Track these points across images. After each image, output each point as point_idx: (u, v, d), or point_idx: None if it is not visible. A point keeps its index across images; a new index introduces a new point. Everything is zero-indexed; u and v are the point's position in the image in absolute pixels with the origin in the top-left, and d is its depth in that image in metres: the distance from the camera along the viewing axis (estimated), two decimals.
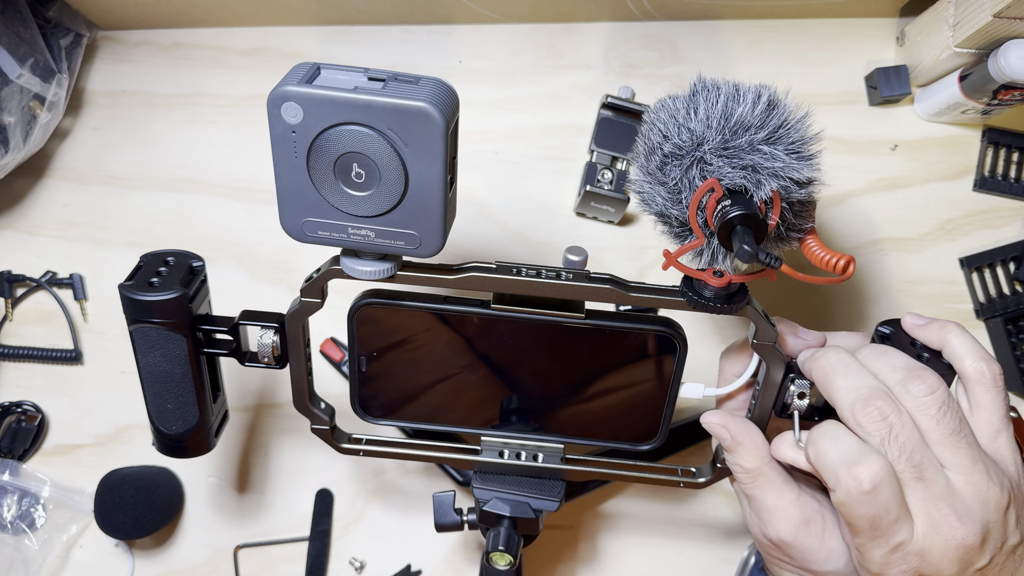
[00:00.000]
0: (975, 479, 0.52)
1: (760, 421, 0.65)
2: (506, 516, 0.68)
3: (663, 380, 0.65)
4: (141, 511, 0.83)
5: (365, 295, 0.62)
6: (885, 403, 0.54)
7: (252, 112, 0.90)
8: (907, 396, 0.54)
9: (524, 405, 0.68)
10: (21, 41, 0.80)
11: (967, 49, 0.77)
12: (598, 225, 0.87)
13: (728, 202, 0.52)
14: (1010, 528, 0.53)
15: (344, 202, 0.53)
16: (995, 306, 0.86)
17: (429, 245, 0.55)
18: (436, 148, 0.50)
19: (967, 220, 0.87)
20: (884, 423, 0.53)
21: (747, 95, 0.54)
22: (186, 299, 0.60)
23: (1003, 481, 0.53)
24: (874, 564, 0.53)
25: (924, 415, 0.54)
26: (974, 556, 0.52)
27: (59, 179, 0.90)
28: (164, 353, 0.61)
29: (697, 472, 0.70)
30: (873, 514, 0.52)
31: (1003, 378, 0.56)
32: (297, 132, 0.50)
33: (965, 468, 0.52)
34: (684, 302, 0.58)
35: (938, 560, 0.52)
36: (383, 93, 0.49)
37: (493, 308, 0.61)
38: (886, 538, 0.52)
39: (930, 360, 0.60)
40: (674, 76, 0.89)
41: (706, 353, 0.86)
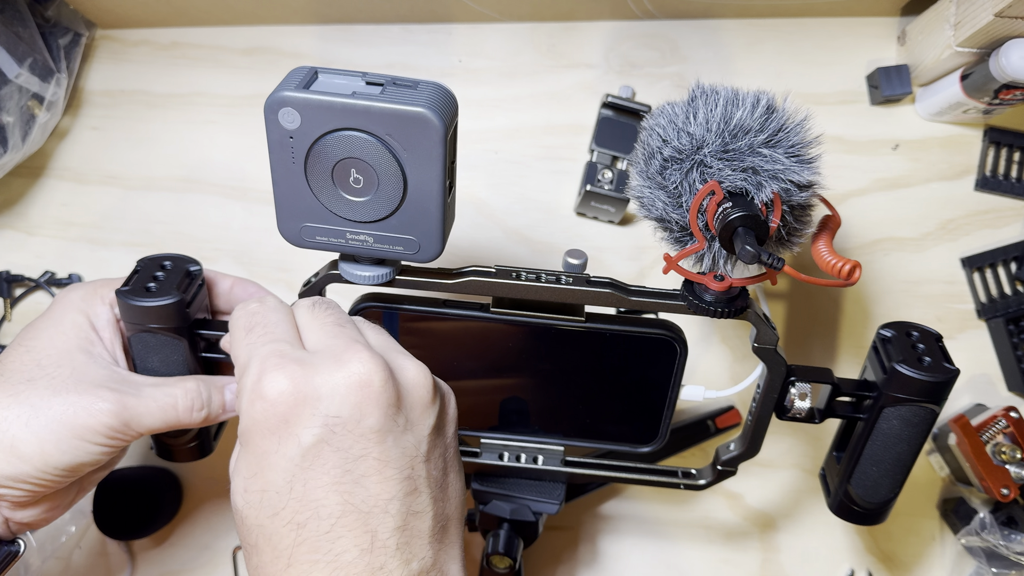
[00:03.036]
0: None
1: (760, 423, 0.65)
2: (506, 519, 0.68)
3: (663, 382, 0.64)
4: (141, 511, 0.83)
5: (364, 299, 0.62)
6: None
7: (251, 112, 0.89)
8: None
9: (524, 407, 0.68)
10: (20, 40, 0.80)
11: (968, 48, 0.77)
12: (598, 225, 0.87)
13: (729, 204, 0.52)
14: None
15: (342, 207, 0.53)
16: (996, 306, 0.85)
17: (428, 250, 0.55)
18: (435, 153, 0.50)
19: (968, 220, 0.87)
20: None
21: (746, 99, 0.54)
22: (183, 304, 0.59)
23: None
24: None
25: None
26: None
27: (58, 179, 0.89)
28: (162, 358, 0.61)
29: (698, 474, 0.70)
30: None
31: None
32: (295, 137, 0.50)
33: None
34: (685, 306, 0.58)
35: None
36: (381, 98, 0.49)
37: (492, 312, 0.61)
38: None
39: (931, 364, 0.60)
40: (675, 75, 0.88)
41: (706, 355, 0.86)
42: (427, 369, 0.51)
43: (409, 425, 0.50)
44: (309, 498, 0.47)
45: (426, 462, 0.50)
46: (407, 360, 0.51)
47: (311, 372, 0.48)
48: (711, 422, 0.84)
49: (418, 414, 0.50)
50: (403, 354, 0.52)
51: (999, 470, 0.78)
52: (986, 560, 0.81)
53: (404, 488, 0.49)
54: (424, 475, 0.50)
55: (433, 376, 0.52)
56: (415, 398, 0.50)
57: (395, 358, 0.51)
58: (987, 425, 0.79)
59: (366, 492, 0.48)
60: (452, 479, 0.53)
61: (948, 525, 0.86)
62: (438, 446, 0.52)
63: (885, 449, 0.63)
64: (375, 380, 0.48)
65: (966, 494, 0.85)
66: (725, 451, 0.68)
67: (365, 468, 0.48)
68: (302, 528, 0.47)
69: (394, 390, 0.49)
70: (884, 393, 0.60)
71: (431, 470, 0.50)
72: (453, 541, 0.52)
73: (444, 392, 0.54)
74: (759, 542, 0.87)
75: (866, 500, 0.66)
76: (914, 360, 0.60)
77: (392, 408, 0.48)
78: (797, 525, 0.87)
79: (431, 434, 0.51)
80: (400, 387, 0.49)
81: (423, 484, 0.50)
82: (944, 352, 0.62)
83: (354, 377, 0.48)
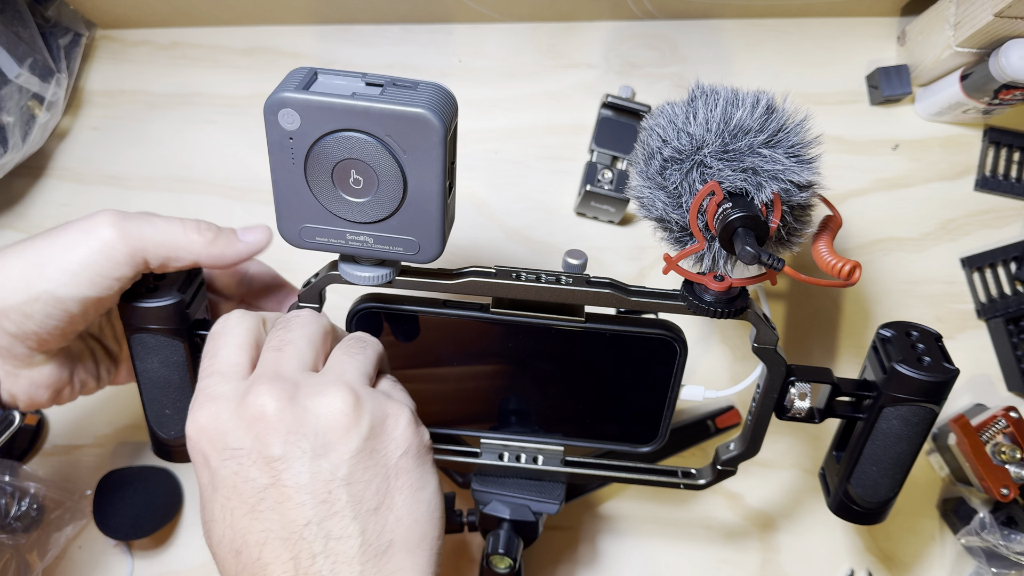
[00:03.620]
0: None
1: (760, 423, 0.65)
2: (506, 519, 0.68)
3: (663, 382, 0.65)
4: (140, 511, 0.83)
5: (364, 299, 0.62)
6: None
7: (251, 111, 0.89)
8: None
9: (524, 407, 0.68)
10: (20, 40, 0.80)
11: (968, 48, 0.77)
12: (598, 225, 0.87)
13: (729, 205, 0.52)
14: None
15: (342, 208, 0.53)
16: (996, 306, 0.85)
17: (428, 251, 0.55)
18: (435, 154, 0.50)
19: (968, 220, 0.87)
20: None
21: (746, 99, 0.54)
22: (183, 305, 0.59)
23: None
24: None
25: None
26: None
27: (58, 179, 0.90)
28: (162, 359, 0.61)
29: (697, 474, 0.70)
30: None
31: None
32: (294, 139, 0.50)
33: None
34: (685, 307, 0.58)
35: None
36: (381, 99, 0.48)
37: (492, 312, 0.61)
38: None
39: (931, 364, 0.60)
40: (674, 75, 0.88)
41: (706, 355, 0.86)
42: (352, 396, 0.50)
43: (323, 449, 0.49)
44: (236, 527, 0.49)
45: (348, 485, 0.49)
46: (332, 387, 0.50)
47: (222, 408, 0.50)
48: (711, 422, 0.84)
49: (334, 438, 0.49)
50: (335, 381, 0.51)
51: (999, 470, 0.78)
52: (986, 560, 0.81)
53: (320, 512, 0.48)
54: (346, 499, 0.49)
55: (371, 398, 0.51)
56: (328, 422, 0.49)
57: (318, 385, 0.51)
58: (987, 425, 0.79)
59: (282, 519, 0.48)
60: (400, 502, 0.51)
61: (948, 525, 0.86)
62: (370, 468, 0.50)
63: (885, 449, 0.63)
64: (268, 410, 0.48)
65: (966, 494, 0.85)
66: (725, 451, 0.68)
67: (277, 495, 0.48)
68: (239, 555, 0.49)
69: (292, 417, 0.49)
70: (884, 393, 0.60)
71: (357, 493, 0.49)
72: (402, 565, 0.50)
73: (386, 415, 0.52)
74: (759, 542, 0.87)
75: (866, 499, 0.66)
76: (914, 360, 0.60)
77: (294, 435, 0.48)
78: (797, 525, 0.87)
79: (354, 457, 0.49)
80: (305, 412, 0.49)
81: (345, 508, 0.49)
82: (944, 352, 0.62)
83: (250, 409, 0.49)
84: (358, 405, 0.50)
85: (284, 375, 0.51)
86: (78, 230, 0.55)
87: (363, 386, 0.52)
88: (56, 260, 0.54)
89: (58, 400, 0.62)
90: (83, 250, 0.54)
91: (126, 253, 0.55)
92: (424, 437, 0.54)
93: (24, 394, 0.59)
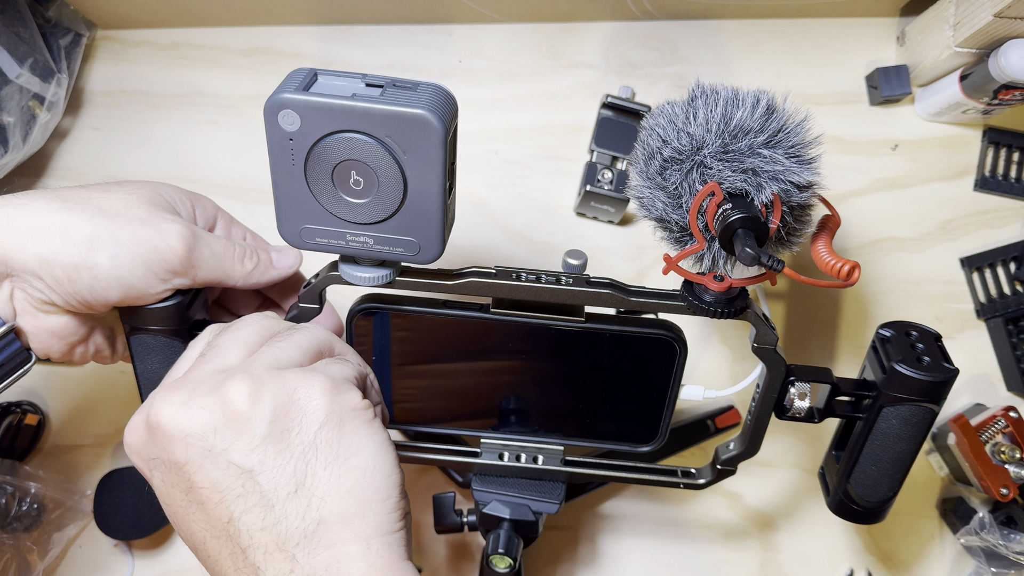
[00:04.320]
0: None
1: (759, 422, 0.65)
2: (506, 519, 0.68)
3: (663, 382, 0.65)
4: (141, 511, 0.83)
5: (364, 299, 0.62)
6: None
7: (252, 112, 0.90)
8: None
9: (524, 407, 0.68)
10: (20, 41, 0.80)
11: (968, 49, 0.77)
12: (598, 225, 0.87)
13: (729, 205, 0.52)
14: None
15: (342, 209, 0.53)
16: (996, 306, 0.86)
17: (428, 252, 0.55)
18: (435, 155, 0.50)
19: (967, 220, 0.87)
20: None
21: (746, 99, 0.54)
22: (183, 306, 0.59)
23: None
24: None
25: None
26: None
27: (58, 179, 0.90)
28: (162, 360, 0.61)
29: (697, 473, 0.70)
30: None
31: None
32: (295, 140, 0.50)
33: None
34: (684, 307, 0.58)
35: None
36: (381, 100, 0.48)
37: (493, 312, 0.61)
38: None
39: (931, 364, 0.60)
40: (674, 76, 0.89)
41: (706, 354, 0.86)
42: (246, 378, 0.49)
43: (227, 443, 0.48)
44: (182, 527, 0.50)
45: (260, 475, 0.48)
46: (226, 378, 0.50)
47: (138, 422, 0.52)
48: (711, 422, 0.84)
49: (235, 430, 0.48)
50: (232, 372, 0.50)
51: (998, 470, 0.78)
52: (985, 560, 0.81)
53: (239, 507, 0.48)
54: (261, 489, 0.48)
55: (273, 379, 0.50)
56: (225, 416, 0.48)
57: (214, 380, 0.50)
58: (986, 425, 0.79)
59: (209, 518, 0.49)
60: (325, 477, 0.49)
61: (947, 525, 0.86)
62: (282, 452, 0.49)
63: (884, 448, 0.63)
64: (163, 418, 0.49)
65: (965, 494, 0.85)
66: (725, 450, 0.68)
67: (196, 497, 0.49)
68: (199, 550, 0.50)
69: (187, 420, 0.48)
70: (883, 393, 0.61)
71: (271, 480, 0.48)
72: (339, 538, 0.49)
73: (295, 390, 0.50)
74: (758, 542, 0.87)
75: (865, 499, 0.66)
76: (913, 360, 0.60)
77: (193, 436, 0.48)
78: (796, 525, 0.87)
79: (261, 445, 0.48)
80: (200, 411, 0.49)
81: (261, 498, 0.48)
82: (943, 352, 0.62)
83: (151, 420, 0.49)
84: (255, 391, 0.49)
85: (186, 380, 0.51)
86: (151, 227, 0.56)
87: (268, 370, 0.50)
88: (123, 245, 0.55)
89: (71, 356, 0.62)
90: (148, 248, 0.55)
91: (184, 268, 0.57)
92: (350, 401, 0.51)
93: (37, 336, 0.59)
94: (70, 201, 0.55)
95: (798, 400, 0.63)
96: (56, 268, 0.54)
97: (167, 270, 0.57)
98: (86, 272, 0.54)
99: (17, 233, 0.53)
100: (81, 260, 0.54)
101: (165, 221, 0.57)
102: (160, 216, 0.57)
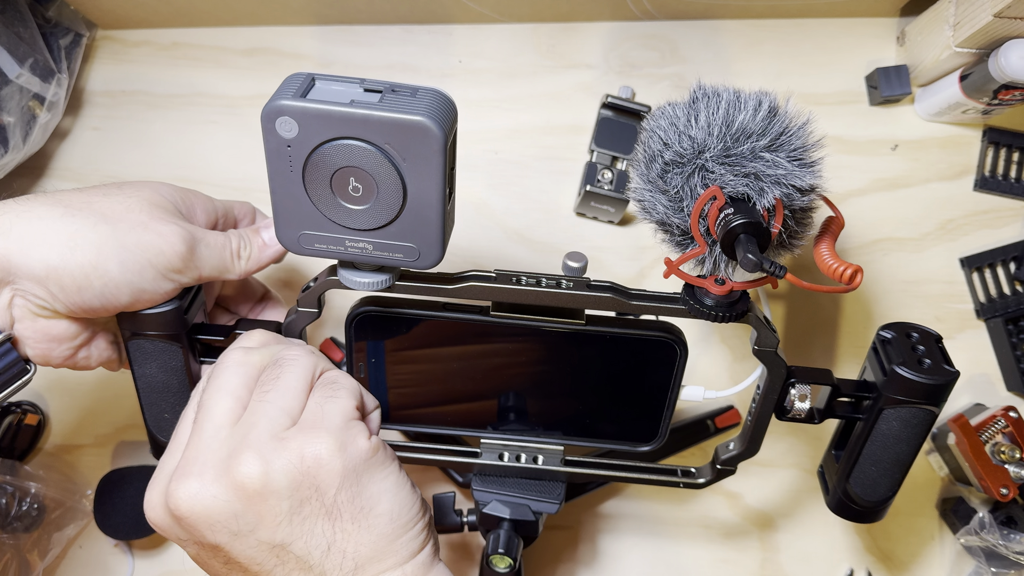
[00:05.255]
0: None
1: (760, 423, 0.65)
2: (506, 518, 0.68)
3: (663, 383, 0.65)
4: (141, 511, 0.82)
5: (363, 302, 0.62)
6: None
7: (252, 112, 0.89)
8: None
9: (524, 407, 0.68)
10: (21, 41, 0.80)
11: (967, 49, 0.77)
12: (598, 225, 0.87)
13: (731, 210, 0.52)
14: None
15: (341, 215, 0.53)
16: (995, 306, 0.86)
17: (428, 257, 0.55)
18: (434, 162, 0.50)
19: (967, 220, 0.87)
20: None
21: (748, 102, 0.53)
22: (181, 311, 0.59)
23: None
24: None
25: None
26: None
27: (59, 179, 0.89)
28: (160, 364, 0.61)
29: (697, 473, 0.70)
30: None
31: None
32: (292, 146, 0.50)
33: None
34: (685, 310, 0.58)
35: None
36: (380, 107, 0.48)
37: (493, 315, 0.61)
38: None
39: (931, 366, 0.60)
40: (674, 76, 0.88)
41: (706, 355, 0.87)
42: (254, 459, 0.50)
43: (252, 525, 0.51)
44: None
45: (291, 543, 0.51)
46: (232, 463, 0.51)
47: (156, 501, 0.53)
48: (711, 422, 0.84)
49: (257, 512, 0.50)
50: (237, 452, 0.51)
51: (998, 470, 0.78)
52: (985, 560, 0.81)
53: (281, 571, 0.51)
54: (296, 554, 0.51)
55: (278, 454, 0.51)
56: (243, 501, 0.50)
57: (222, 467, 0.51)
58: (986, 425, 0.79)
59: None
60: (353, 531, 0.52)
61: (947, 525, 0.86)
62: (308, 518, 0.51)
63: (884, 449, 0.63)
64: (181, 510, 0.50)
65: (965, 494, 0.85)
66: (724, 450, 0.68)
67: (238, 566, 0.52)
68: None
69: (204, 511, 0.50)
70: (883, 395, 0.61)
71: (304, 545, 0.51)
72: (381, 571, 0.53)
73: (302, 460, 0.51)
74: (758, 541, 0.87)
75: (864, 498, 0.66)
76: (914, 362, 0.60)
77: (218, 524, 0.50)
78: (796, 525, 0.87)
79: (285, 519, 0.51)
80: (214, 500, 0.50)
81: (298, 561, 0.51)
82: (944, 354, 0.62)
83: (171, 509, 0.51)
84: (265, 470, 0.50)
85: (191, 461, 0.52)
86: (154, 233, 0.56)
87: (271, 440, 0.51)
88: (130, 251, 0.55)
89: (73, 362, 0.62)
90: (154, 252, 0.56)
91: (189, 267, 0.58)
92: (360, 451, 0.53)
93: (35, 342, 0.59)
94: (72, 207, 0.55)
95: (798, 402, 0.63)
96: (64, 276, 0.54)
97: (173, 271, 0.57)
98: (97, 280, 0.55)
99: (22, 240, 0.53)
100: (91, 268, 0.54)
101: (166, 224, 0.57)
102: (161, 219, 0.57)
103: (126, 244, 0.55)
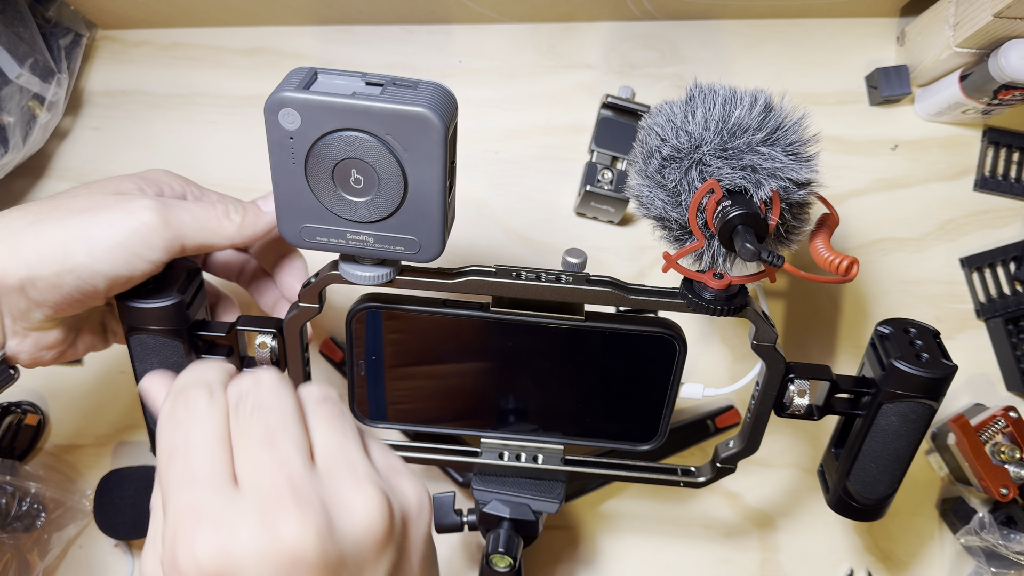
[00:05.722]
0: None
1: (759, 420, 0.65)
2: (506, 518, 0.68)
3: (663, 380, 0.65)
4: (141, 511, 0.83)
5: (364, 299, 0.62)
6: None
7: (252, 112, 0.90)
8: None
9: (524, 406, 0.68)
10: (20, 41, 0.80)
11: (968, 49, 0.77)
12: (598, 225, 0.87)
13: (728, 202, 0.52)
14: None
15: (342, 208, 0.53)
16: (995, 306, 0.86)
17: (428, 250, 0.55)
18: (435, 153, 0.50)
19: (967, 220, 0.87)
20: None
21: (744, 98, 0.54)
22: (183, 306, 0.59)
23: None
24: None
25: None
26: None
27: (59, 179, 0.90)
28: (161, 360, 0.61)
29: (697, 472, 0.70)
30: None
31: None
32: (295, 138, 0.50)
33: None
34: (684, 304, 0.58)
35: None
36: (381, 99, 0.49)
37: (492, 311, 0.61)
38: None
39: (929, 360, 0.60)
40: (674, 76, 0.89)
41: (706, 353, 0.86)
42: (382, 497, 0.43)
43: (358, 571, 0.42)
44: None
45: None
46: (356, 493, 0.43)
47: (230, 537, 0.39)
48: (710, 422, 0.84)
49: (369, 565, 0.42)
50: (353, 480, 0.43)
51: (998, 470, 0.78)
52: (985, 560, 0.81)
53: None
54: None
55: (392, 501, 0.44)
56: (363, 551, 0.42)
57: (340, 494, 0.43)
58: (986, 425, 0.79)
59: None
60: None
61: (947, 525, 0.86)
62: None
63: (884, 445, 0.63)
64: (308, 551, 0.39)
65: (965, 494, 0.85)
66: (724, 448, 0.68)
67: None
68: None
69: (335, 554, 0.40)
70: (882, 389, 0.61)
71: None
72: None
73: (407, 514, 0.46)
74: (758, 541, 0.87)
75: (865, 496, 0.66)
76: (912, 356, 0.60)
77: (335, 571, 0.41)
78: (796, 524, 0.87)
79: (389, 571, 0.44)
80: (342, 543, 0.41)
81: None
82: (942, 348, 0.62)
83: (283, 549, 0.39)
84: (389, 521, 0.43)
85: (302, 487, 0.41)
86: (120, 210, 0.56)
87: (379, 476, 0.45)
88: (97, 237, 0.55)
89: (64, 358, 0.62)
90: (123, 230, 0.55)
91: (165, 238, 0.57)
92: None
93: (28, 354, 0.60)
94: (41, 213, 0.56)
95: (797, 397, 0.63)
96: (37, 279, 0.54)
97: (148, 247, 0.56)
98: (68, 275, 0.55)
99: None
100: (60, 263, 0.54)
101: (132, 200, 0.57)
102: (126, 198, 0.57)
103: (93, 233, 0.55)
